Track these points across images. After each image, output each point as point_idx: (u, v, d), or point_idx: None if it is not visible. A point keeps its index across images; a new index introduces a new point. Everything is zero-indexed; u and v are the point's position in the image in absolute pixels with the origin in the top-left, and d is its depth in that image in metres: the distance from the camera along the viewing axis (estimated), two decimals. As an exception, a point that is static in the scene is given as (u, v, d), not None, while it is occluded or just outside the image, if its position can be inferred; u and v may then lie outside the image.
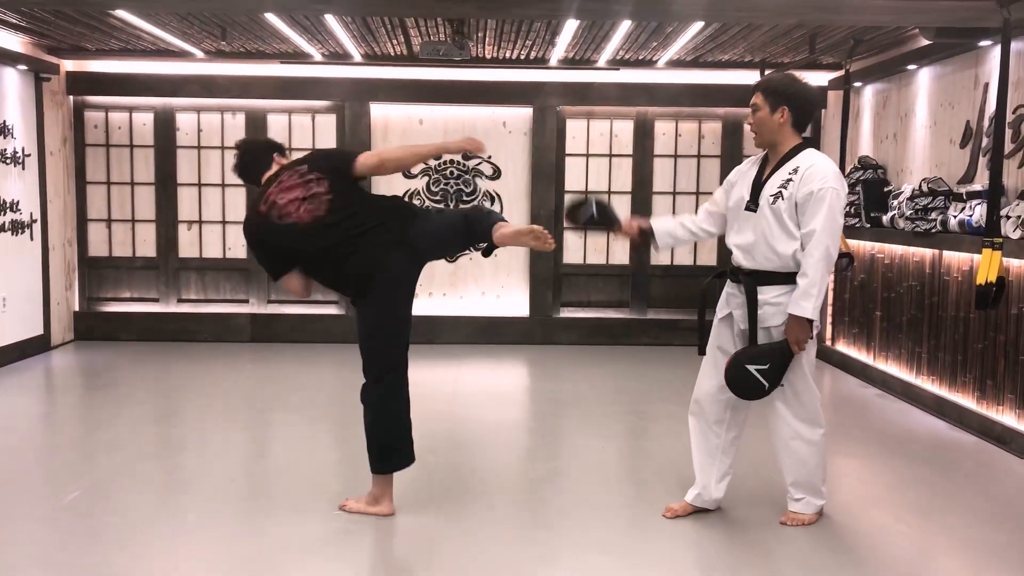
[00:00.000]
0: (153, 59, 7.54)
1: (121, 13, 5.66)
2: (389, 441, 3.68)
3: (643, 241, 3.81)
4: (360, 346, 3.67)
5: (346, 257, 3.55)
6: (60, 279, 7.65)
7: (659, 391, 6.27)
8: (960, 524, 3.77)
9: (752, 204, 3.50)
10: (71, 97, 7.79)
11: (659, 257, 8.13)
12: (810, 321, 3.38)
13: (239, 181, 8.33)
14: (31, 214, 7.12)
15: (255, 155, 3.89)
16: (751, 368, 3.41)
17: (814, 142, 3.65)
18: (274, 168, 3.80)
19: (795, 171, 3.42)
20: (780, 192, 3.42)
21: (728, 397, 3.60)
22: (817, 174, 3.38)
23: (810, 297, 3.35)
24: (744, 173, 3.65)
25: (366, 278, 3.55)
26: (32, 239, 7.16)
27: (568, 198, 3.82)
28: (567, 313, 8.17)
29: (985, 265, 4.21)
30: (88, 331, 7.93)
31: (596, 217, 3.71)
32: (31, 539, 3.48)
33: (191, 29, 6.33)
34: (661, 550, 3.45)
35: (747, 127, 3.68)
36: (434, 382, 6.51)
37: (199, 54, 7.24)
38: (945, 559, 3.44)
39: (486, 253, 3.68)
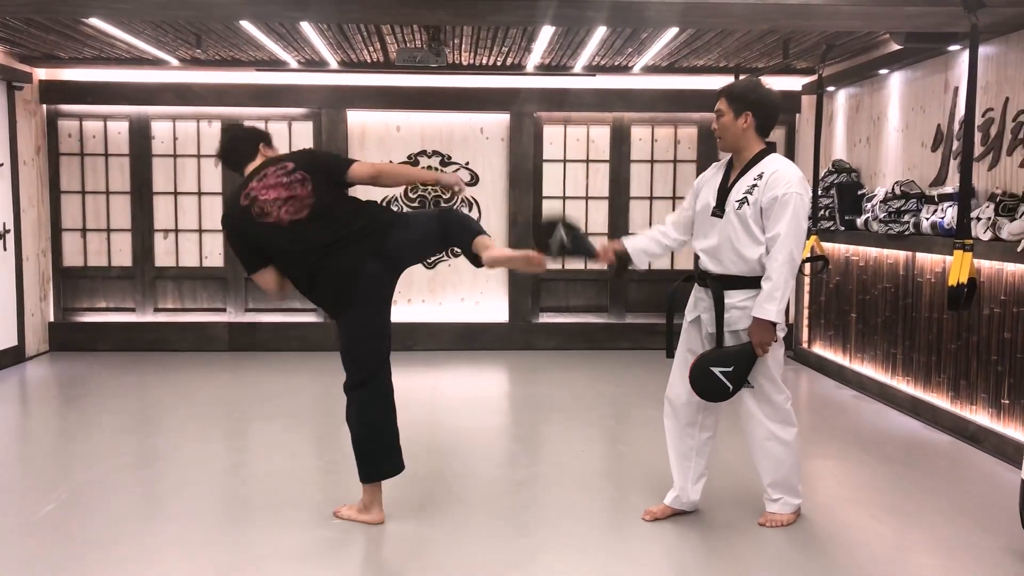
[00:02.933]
0: (127, 67, 7.50)
1: (94, 21, 5.63)
2: (371, 448, 3.67)
3: (620, 264, 3.81)
4: (341, 354, 3.67)
5: (320, 270, 3.53)
6: (34, 289, 7.58)
7: (638, 395, 6.29)
8: (935, 523, 3.81)
9: (718, 210, 3.55)
10: (44, 106, 7.73)
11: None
12: (774, 324, 3.42)
13: (215, 190, 8.29)
14: (4, 224, 7.05)
15: (240, 143, 3.75)
16: (715, 370, 3.45)
17: (775, 147, 3.66)
18: (259, 160, 3.69)
19: (760, 176, 3.47)
20: (746, 198, 3.47)
21: (699, 400, 3.63)
22: (782, 179, 3.43)
23: (774, 300, 3.38)
24: (709, 179, 3.69)
25: (338, 295, 3.55)
26: (5, 249, 7.09)
27: (538, 222, 3.80)
28: (546, 318, 8.19)
29: (956, 267, 4.26)
30: (63, 342, 7.86)
31: (568, 246, 3.69)
32: (6, 552, 3.44)
33: (166, 37, 6.31)
34: (641, 553, 3.46)
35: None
36: (414, 389, 6.50)
37: (174, 62, 7.21)
38: (921, 558, 3.48)
39: (476, 264, 3.64)
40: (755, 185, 3.46)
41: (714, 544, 3.55)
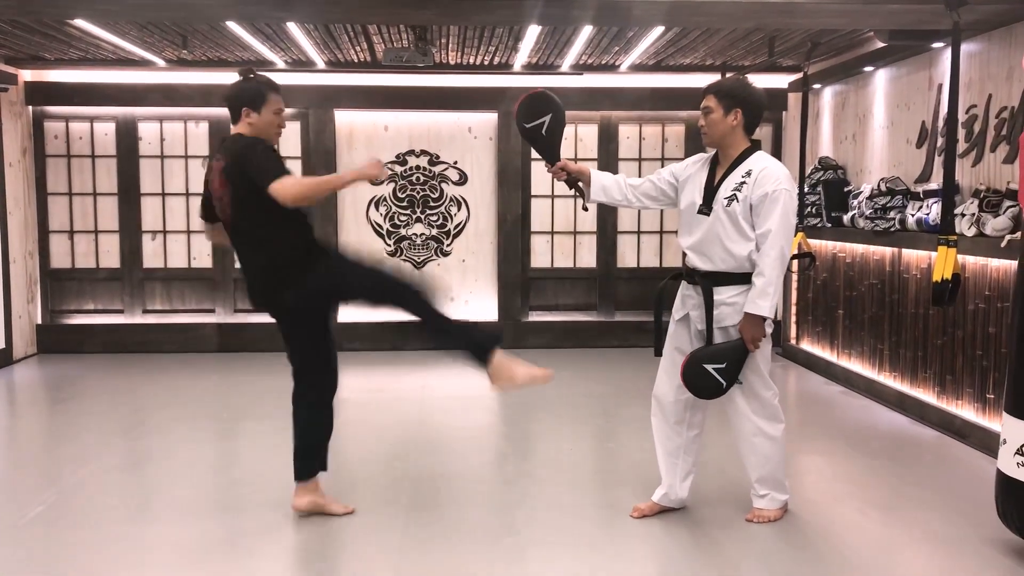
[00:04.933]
0: (113, 68, 7.47)
1: (80, 22, 5.61)
2: (297, 447, 3.78)
3: (570, 183, 3.77)
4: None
5: (247, 272, 3.64)
6: (22, 292, 7.55)
7: (627, 393, 6.31)
8: (922, 518, 3.84)
9: (705, 208, 3.56)
10: (30, 107, 7.70)
11: (626, 260, 8.20)
12: (764, 319, 3.44)
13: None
14: (-10, 226, 7.03)
15: (229, 105, 3.62)
16: (709, 367, 3.46)
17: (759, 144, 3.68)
18: (238, 127, 3.60)
19: (748, 174, 3.49)
20: (735, 195, 3.48)
21: (687, 397, 3.65)
22: (771, 176, 3.45)
23: (767, 296, 3.41)
24: (693, 176, 3.69)
25: (261, 301, 3.65)
26: (-8, 252, 7.06)
27: (538, 94, 3.66)
28: (536, 317, 8.20)
29: (940, 262, 4.29)
30: (51, 344, 7.83)
31: (543, 135, 3.62)
32: (-6, 556, 3.44)
33: (151, 38, 6.29)
34: (629, 550, 3.48)
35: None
36: (403, 388, 6.52)
37: (160, 63, 7.19)
38: (908, 553, 3.51)
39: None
40: (744, 182, 3.48)
41: (702, 540, 3.57)
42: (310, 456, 3.77)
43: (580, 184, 3.77)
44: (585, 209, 4.05)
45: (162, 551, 3.48)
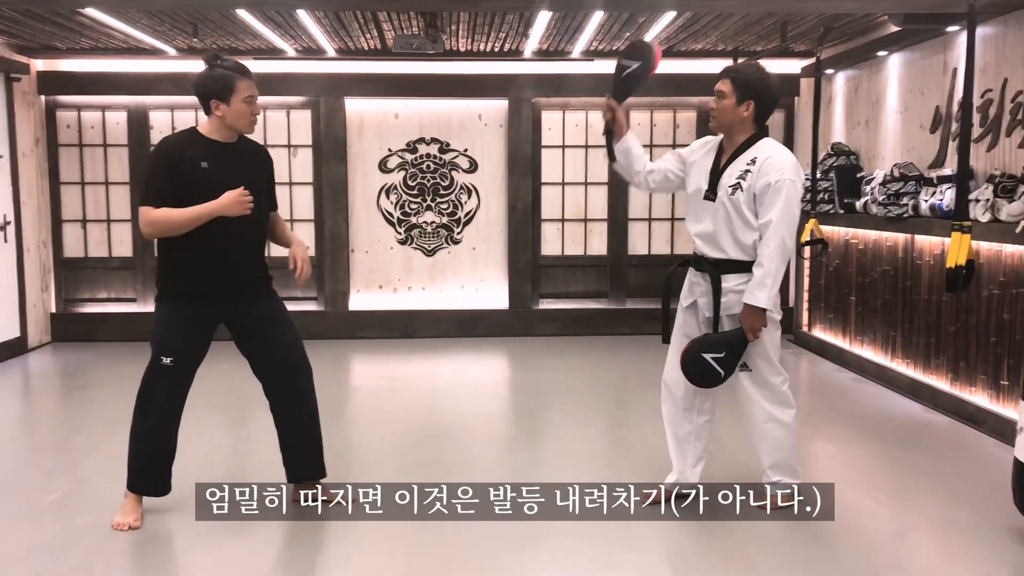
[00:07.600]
0: (125, 57, 7.49)
1: (91, 11, 5.62)
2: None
3: (607, 129, 3.74)
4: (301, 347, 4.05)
5: None
6: (36, 281, 7.59)
7: (637, 380, 6.31)
8: (934, 504, 3.83)
9: (710, 194, 3.54)
10: (42, 97, 7.72)
11: (636, 247, 8.18)
12: (764, 310, 3.42)
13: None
14: (4, 216, 7.06)
15: (199, 97, 3.72)
16: (707, 356, 3.45)
17: (767, 131, 3.64)
18: (209, 119, 3.73)
19: (753, 162, 3.45)
20: (739, 183, 3.45)
21: (695, 384, 3.64)
22: (775, 165, 3.41)
23: (765, 287, 3.38)
24: (700, 161, 3.66)
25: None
26: (6, 241, 7.10)
27: (640, 43, 3.90)
28: (546, 304, 8.20)
29: (954, 249, 4.27)
30: (65, 333, 7.87)
31: (625, 76, 3.71)
32: (11, 540, 3.46)
33: (162, 26, 6.30)
34: (639, 536, 3.48)
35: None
36: (414, 375, 6.53)
37: (171, 51, 7.19)
38: (920, 538, 3.50)
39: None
40: (748, 170, 3.45)
41: (713, 526, 3.57)
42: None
43: (613, 133, 3.71)
44: (613, 159, 3.82)
45: (175, 538, 3.50)
